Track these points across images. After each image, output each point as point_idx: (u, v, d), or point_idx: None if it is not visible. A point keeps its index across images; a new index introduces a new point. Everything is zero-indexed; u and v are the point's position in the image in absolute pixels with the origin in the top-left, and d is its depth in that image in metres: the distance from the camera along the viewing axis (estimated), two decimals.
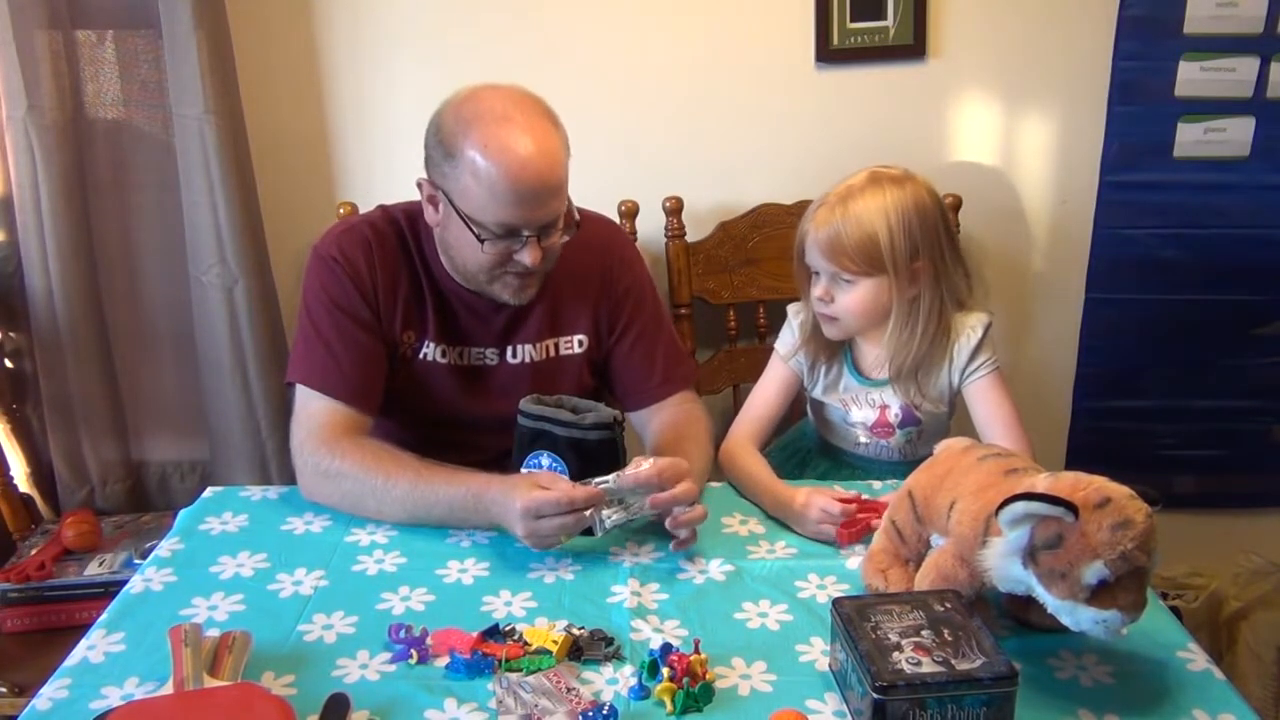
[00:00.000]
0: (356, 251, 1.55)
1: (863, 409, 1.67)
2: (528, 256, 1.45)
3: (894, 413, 1.65)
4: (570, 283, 1.63)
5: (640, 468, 1.34)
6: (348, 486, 1.45)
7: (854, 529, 1.39)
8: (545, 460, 1.42)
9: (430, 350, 1.59)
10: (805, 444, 1.82)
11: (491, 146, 1.39)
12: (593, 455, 1.40)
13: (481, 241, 1.44)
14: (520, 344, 1.62)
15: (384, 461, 1.45)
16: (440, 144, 1.45)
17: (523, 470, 1.44)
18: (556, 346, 1.64)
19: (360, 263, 1.54)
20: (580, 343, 1.65)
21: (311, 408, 1.52)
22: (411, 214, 1.60)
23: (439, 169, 1.46)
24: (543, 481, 1.35)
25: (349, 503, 1.46)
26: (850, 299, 1.57)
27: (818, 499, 1.42)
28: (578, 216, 1.52)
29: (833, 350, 1.68)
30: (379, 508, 1.44)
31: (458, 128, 1.42)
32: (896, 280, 1.55)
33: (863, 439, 1.69)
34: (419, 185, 1.52)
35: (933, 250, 1.57)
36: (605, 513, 1.34)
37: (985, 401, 1.61)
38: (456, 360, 1.61)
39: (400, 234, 1.59)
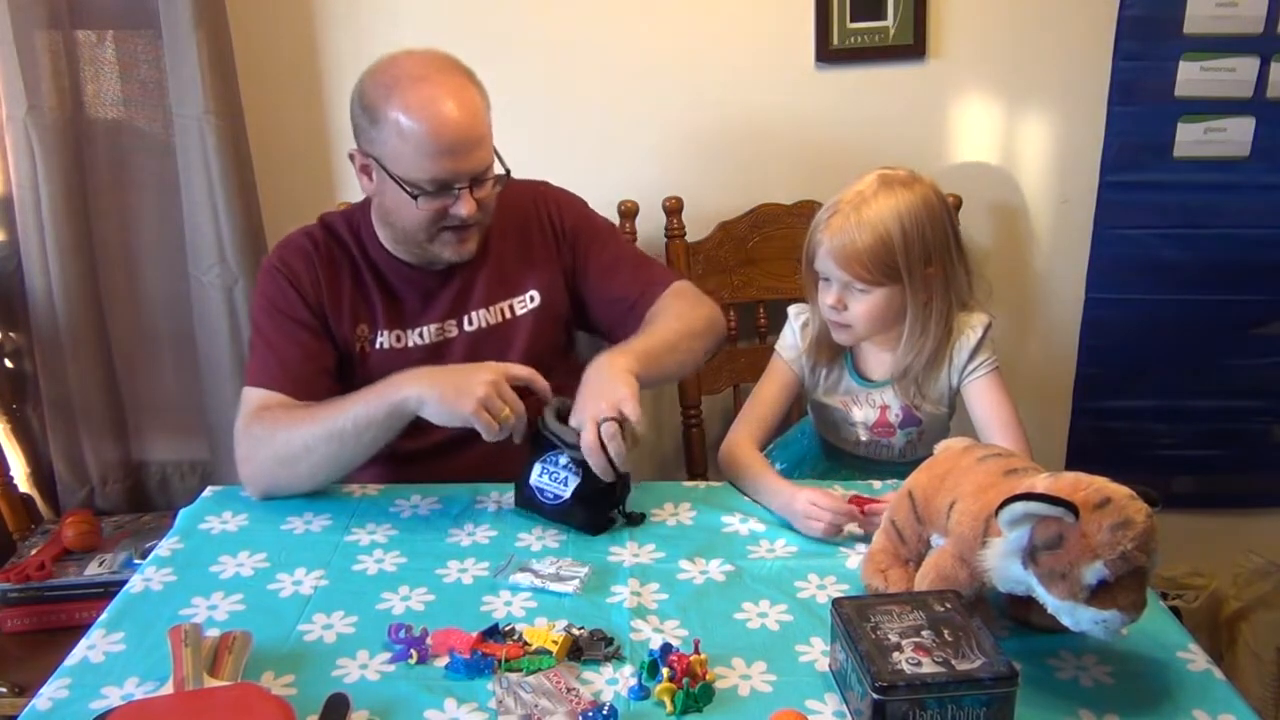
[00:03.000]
0: (296, 259, 1.60)
1: (863, 409, 1.67)
2: (463, 208, 1.49)
3: (894, 413, 1.65)
4: (509, 243, 1.66)
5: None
6: (280, 439, 1.46)
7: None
8: (564, 459, 1.44)
9: (385, 338, 1.62)
10: (805, 443, 1.82)
11: (413, 105, 1.44)
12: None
13: (416, 198, 1.48)
14: (473, 310, 1.65)
15: (304, 407, 1.48)
16: (364, 112, 1.50)
17: (537, 466, 1.45)
18: (511, 308, 1.66)
19: (300, 268, 1.59)
20: (533, 298, 1.67)
21: (249, 400, 1.54)
22: (348, 214, 1.67)
23: (366, 136, 1.51)
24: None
25: (281, 458, 1.46)
26: (864, 307, 1.57)
27: (809, 492, 1.43)
28: (508, 168, 1.55)
29: (834, 352, 1.68)
30: (306, 444, 1.44)
31: (378, 93, 1.47)
32: (911, 287, 1.55)
33: (863, 439, 1.69)
34: (351, 157, 1.57)
35: (943, 253, 1.57)
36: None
37: (983, 401, 1.61)
38: (418, 341, 1.63)
39: (336, 235, 1.63)
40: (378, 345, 1.62)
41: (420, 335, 1.63)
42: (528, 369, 1.44)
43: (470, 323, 1.64)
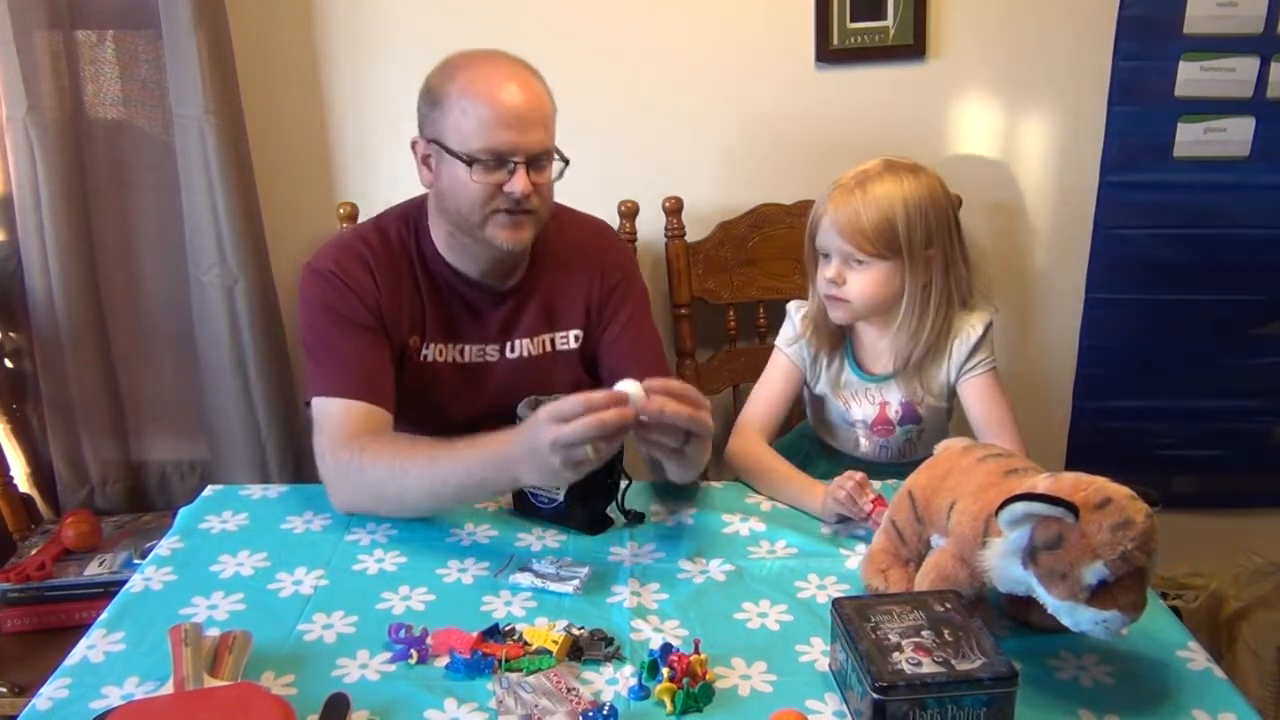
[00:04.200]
0: (354, 265, 1.55)
1: (863, 405, 1.67)
2: (518, 185, 1.47)
3: (894, 409, 1.65)
4: (565, 277, 1.65)
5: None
6: (370, 478, 1.43)
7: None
8: None
9: (430, 350, 1.60)
10: (805, 446, 1.82)
11: (478, 81, 1.47)
12: None
13: (470, 166, 1.46)
14: (518, 339, 1.63)
15: (400, 447, 1.44)
16: (428, 95, 1.51)
17: None
18: (553, 341, 1.65)
19: (359, 275, 1.55)
20: (576, 338, 1.66)
21: (331, 412, 1.50)
22: (403, 216, 1.62)
23: (429, 120, 1.51)
24: None
25: (373, 499, 1.44)
26: (863, 281, 1.58)
27: (838, 479, 1.43)
28: (567, 159, 1.55)
29: (834, 343, 1.68)
30: (401, 495, 1.41)
31: (444, 78, 1.50)
32: (911, 265, 1.56)
33: (863, 442, 1.69)
34: (413, 146, 1.56)
35: (944, 240, 1.58)
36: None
37: (980, 400, 1.62)
38: (458, 358, 1.62)
39: (394, 240, 1.60)
40: (423, 356, 1.60)
41: (461, 353, 1.62)
42: (570, 404, 1.25)
43: (513, 350, 1.63)
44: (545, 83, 1.52)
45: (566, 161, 1.55)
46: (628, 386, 1.26)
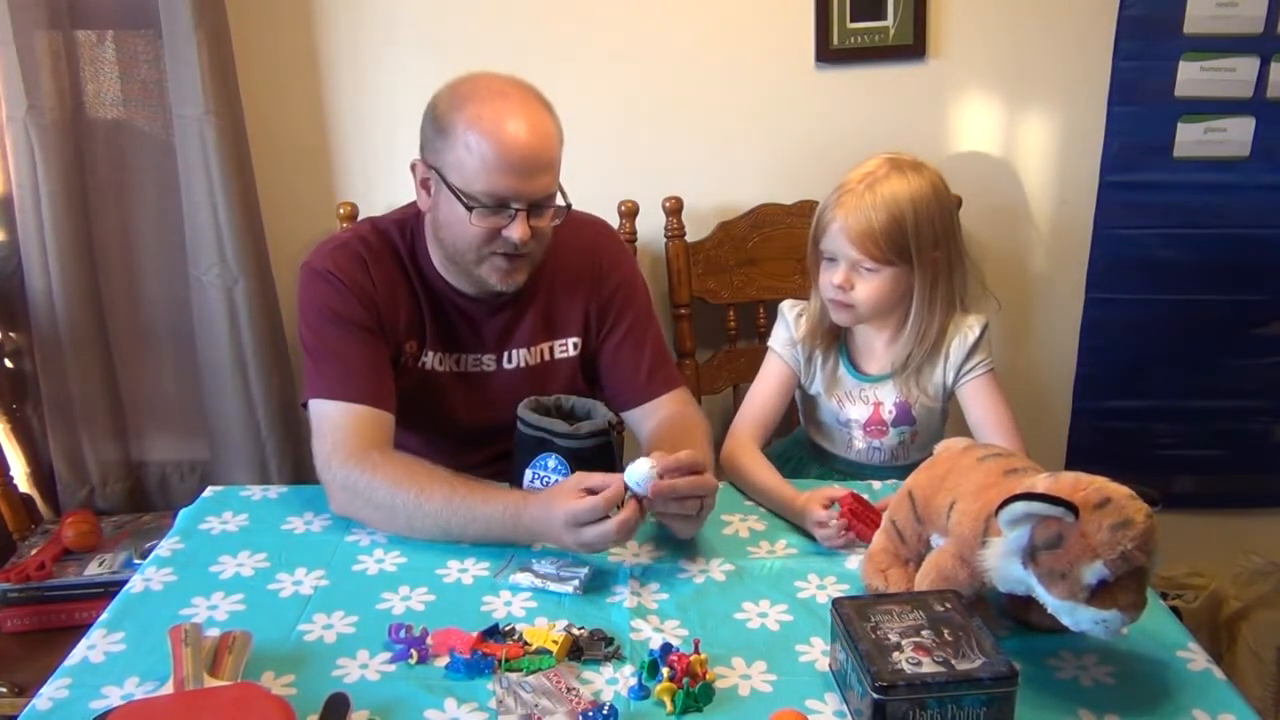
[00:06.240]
0: (353, 266, 1.54)
1: (856, 405, 1.67)
2: (516, 232, 1.45)
3: (887, 409, 1.65)
4: (562, 285, 1.63)
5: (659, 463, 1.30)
6: (380, 499, 1.41)
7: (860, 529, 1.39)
8: (552, 461, 1.43)
9: (429, 358, 1.60)
10: (800, 451, 1.82)
11: (486, 118, 1.42)
12: (588, 460, 1.41)
13: (470, 210, 1.44)
14: (515, 349, 1.62)
15: (416, 476, 1.41)
16: (434, 121, 1.47)
17: (527, 472, 1.45)
18: (551, 350, 1.65)
19: (358, 276, 1.53)
20: (575, 345, 1.65)
21: (331, 416, 1.48)
22: (402, 223, 1.60)
23: (432, 147, 1.48)
24: (573, 486, 1.32)
25: (380, 517, 1.43)
26: (871, 288, 1.57)
27: (812, 508, 1.42)
28: (569, 201, 1.52)
29: (829, 343, 1.68)
30: (410, 523, 1.40)
31: (453, 104, 1.45)
32: (920, 269, 1.56)
33: (858, 443, 1.69)
34: (412, 168, 1.53)
35: (948, 239, 1.59)
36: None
37: (980, 402, 1.62)
38: (454, 367, 1.62)
39: (392, 245, 1.58)
40: (420, 364, 1.59)
41: (457, 362, 1.61)
42: (587, 510, 1.29)
43: (510, 360, 1.62)
44: (556, 117, 1.48)
45: (568, 205, 1.52)
46: (641, 466, 1.29)
